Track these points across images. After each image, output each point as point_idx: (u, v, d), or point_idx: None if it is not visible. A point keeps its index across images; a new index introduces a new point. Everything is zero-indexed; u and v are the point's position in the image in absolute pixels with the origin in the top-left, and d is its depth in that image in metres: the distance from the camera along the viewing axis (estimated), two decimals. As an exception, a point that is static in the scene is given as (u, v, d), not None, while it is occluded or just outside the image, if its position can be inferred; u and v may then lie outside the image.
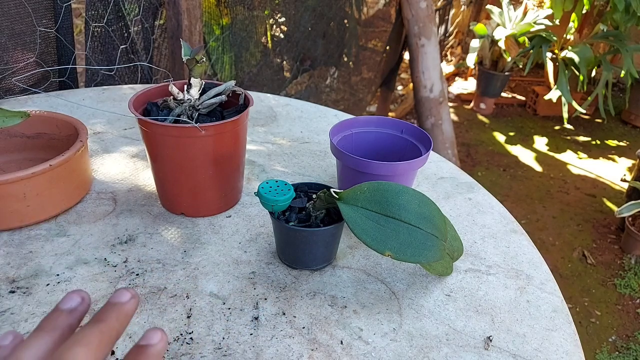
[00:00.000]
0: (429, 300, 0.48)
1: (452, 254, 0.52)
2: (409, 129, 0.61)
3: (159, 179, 0.57)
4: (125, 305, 0.24)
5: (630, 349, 1.56)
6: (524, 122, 3.12)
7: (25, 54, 0.88)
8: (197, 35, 1.21)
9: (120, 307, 0.24)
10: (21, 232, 0.53)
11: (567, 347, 0.44)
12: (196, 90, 0.54)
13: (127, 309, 0.24)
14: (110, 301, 0.24)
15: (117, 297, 0.24)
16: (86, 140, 0.58)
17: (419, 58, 2.09)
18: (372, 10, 2.24)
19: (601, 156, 2.77)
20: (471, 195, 0.67)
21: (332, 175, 0.69)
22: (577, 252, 1.99)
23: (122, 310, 0.24)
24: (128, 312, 0.24)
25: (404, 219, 0.43)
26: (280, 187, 0.46)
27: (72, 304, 0.24)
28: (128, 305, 0.24)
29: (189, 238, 0.55)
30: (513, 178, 2.48)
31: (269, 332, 0.43)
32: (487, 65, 3.05)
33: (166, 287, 0.48)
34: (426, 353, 0.42)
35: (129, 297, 0.24)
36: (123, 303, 0.24)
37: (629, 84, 2.64)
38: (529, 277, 0.53)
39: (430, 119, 2.15)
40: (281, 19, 1.68)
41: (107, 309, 0.23)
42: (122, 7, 1.05)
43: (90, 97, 0.88)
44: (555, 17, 2.54)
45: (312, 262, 0.50)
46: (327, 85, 2.04)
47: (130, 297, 0.24)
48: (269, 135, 0.80)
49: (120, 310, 0.24)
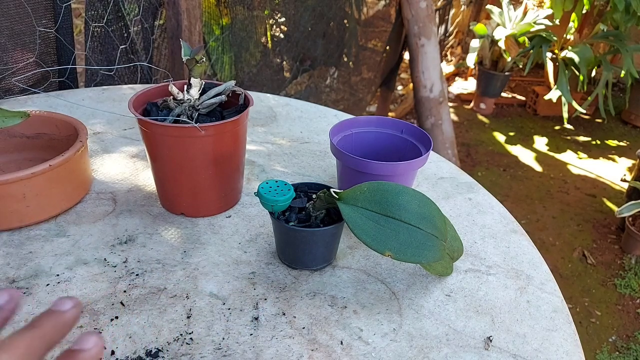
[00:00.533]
0: (429, 301, 0.48)
1: (452, 254, 0.52)
2: (409, 129, 0.61)
3: (158, 179, 0.57)
4: (65, 314, 0.23)
5: (631, 349, 1.55)
6: (524, 122, 3.12)
7: (25, 54, 0.88)
8: (197, 35, 1.21)
9: (58, 315, 0.22)
10: (21, 233, 0.53)
11: (567, 347, 0.44)
12: (196, 90, 0.54)
13: (67, 317, 0.23)
14: (50, 308, 0.23)
15: (57, 305, 0.23)
16: (86, 140, 0.58)
17: (419, 58, 2.09)
18: (372, 10, 2.24)
19: (601, 156, 2.77)
20: (471, 195, 0.67)
21: (332, 175, 0.69)
22: (577, 252, 1.99)
23: (61, 319, 0.22)
24: (67, 321, 0.23)
25: (404, 219, 0.43)
26: (280, 187, 0.46)
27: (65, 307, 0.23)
28: (68, 314, 0.23)
29: (188, 238, 0.55)
30: (513, 178, 2.48)
31: (269, 333, 0.43)
32: (487, 65, 3.05)
33: (166, 288, 0.48)
34: (426, 353, 0.42)
35: (70, 305, 0.23)
36: (63, 311, 0.23)
37: (629, 84, 2.64)
38: (529, 277, 0.53)
39: (430, 119, 2.15)
40: (281, 19, 1.68)
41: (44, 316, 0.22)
42: (122, 7, 1.05)
43: (90, 97, 0.88)
44: (555, 17, 2.54)
45: (312, 262, 0.50)
46: (327, 85, 2.04)
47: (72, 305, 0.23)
48: (269, 135, 0.80)
49: (58, 318, 0.22)
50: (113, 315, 0.44)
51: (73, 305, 0.23)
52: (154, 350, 0.41)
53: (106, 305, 0.45)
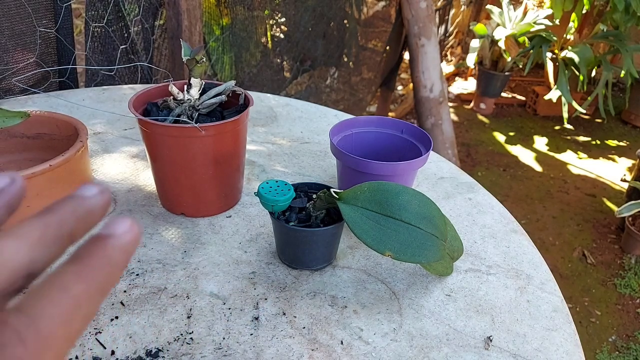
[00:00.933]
0: (429, 300, 0.48)
1: (452, 254, 0.52)
2: (409, 129, 0.61)
3: (159, 179, 0.57)
4: (89, 200, 0.17)
5: (631, 349, 1.56)
6: (524, 122, 3.12)
7: (26, 54, 0.88)
8: (197, 36, 1.22)
9: (80, 200, 0.17)
10: (21, 233, 0.53)
11: (567, 347, 0.44)
12: (196, 91, 0.54)
13: (91, 203, 0.17)
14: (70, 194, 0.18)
15: (79, 190, 0.18)
16: (86, 140, 0.58)
17: (419, 58, 2.09)
18: (372, 10, 2.24)
19: (601, 156, 2.77)
20: (471, 195, 0.67)
21: (332, 175, 0.69)
22: (577, 252, 1.99)
23: (83, 204, 0.17)
24: (92, 209, 0.17)
25: (404, 219, 0.43)
26: (280, 187, 0.46)
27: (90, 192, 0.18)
28: (93, 200, 0.17)
29: (189, 238, 0.55)
30: (513, 178, 2.48)
31: (269, 332, 0.43)
32: (487, 65, 3.05)
33: (166, 287, 0.48)
34: (426, 353, 0.42)
35: (95, 191, 0.18)
36: (86, 197, 0.17)
37: (629, 84, 2.64)
38: (529, 277, 0.53)
39: (430, 119, 2.15)
40: (281, 19, 1.68)
41: (62, 201, 0.17)
42: (122, 8, 1.05)
43: (90, 97, 0.88)
44: (555, 17, 2.54)
45: (312, 262, 0.50)
46: (327, 85, 2.04)
47: (97, 192, 0.18)
48: (269, 135, 0.80)
49: (80, 203, 0.17)
50: (113, 315, 0.44)
51: (99, 191, 0.18)
52: (154, 350, 0.41)
53: (106, 305, 0.45)
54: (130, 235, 0.17)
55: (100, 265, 0.16)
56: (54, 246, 0.16)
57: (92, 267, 0.16)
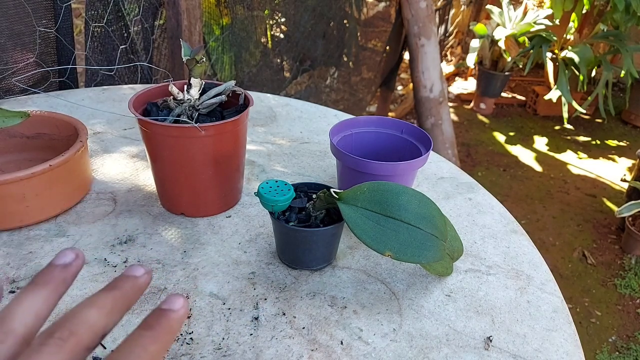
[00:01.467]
0: (429, 301, 0.48)
1: (452, 254, 0.52)
2: (409, 129, 0.61)
3: (158, 179, 0.57)
4: (139, 279, 0.24)
5: (631, 349, 1.55)
6: (524, 122, 3.12)
7: (25, 54, 0.88)
8: (197, 35, 1.21)
9: (134, 280, 0.24)
10: (21, 233, 0.53)
11: (567, 348, 0.44)
12: (196, 90, 0.54)
13: (141, 282, 0.24)
14: (125, 273, 0.24)
15: (131, 270, 0.24)
16: (86, 140, 0.58)
17: (419, 58, 2.09)
18: (372, 10, 2.24)
19: (601, 156, 2.77)
20: (471, 195, 0.67)
21: (332, 175, 0.69)
22: (577, 252, 1.99)
23: (136, 283, 0.24)
24: (141, 286, 0.24)
25: (404, 219, 0.43)
26: (280, 187, 0.46)
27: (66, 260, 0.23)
28: (142, 279, 0.24)
29: (188, 238, 0.55)
30: (513, 178, 2.48)
31: (269, 333, 0.43)
32: (487, 65, 3.05)
33: (166, 288, 0.48)
34: (426, 353, 0.42)
35: (142, 272, 0.24)
36: (137, 276, 0.24)
37: (629, 84, 2.64)
38: (529, 277, 0.53)
39: (430, 119, 2.15)
40: (281, 19, 1.68)
41: (122, 279, 0.23)
42: (122, 7, 1.05)
43: (90, 97, 0.88)
44: (555, 17, 2.54)
45: (312, 262, 0.50)
46: (327, 85, 2.04)
47: (144, 272, 0.24)
48: (268, 136, 0.80)
49: (134, 282, 0.23)
50: (113, 316, 0.44)
51: (145, 271, 0.24)
52: (154, 350, 0.41)
53: (106, 306, 0.45)
54: (184, 310, 0.23)
55: (166, 332, 0.21)
56: (119, 314, 0.22)
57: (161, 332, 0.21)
